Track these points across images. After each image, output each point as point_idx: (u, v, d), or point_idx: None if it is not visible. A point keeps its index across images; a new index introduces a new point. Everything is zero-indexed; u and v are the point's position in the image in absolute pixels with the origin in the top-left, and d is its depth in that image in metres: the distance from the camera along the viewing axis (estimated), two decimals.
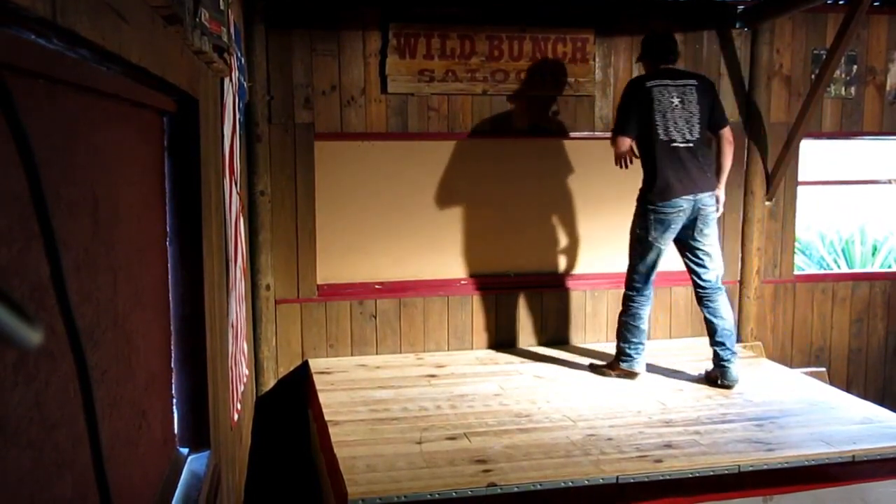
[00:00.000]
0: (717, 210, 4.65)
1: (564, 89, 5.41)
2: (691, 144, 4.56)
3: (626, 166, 4.69)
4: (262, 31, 4.91)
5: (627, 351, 4.82)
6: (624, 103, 4.68)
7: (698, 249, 4.66)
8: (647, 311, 4.85)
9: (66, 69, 1.11)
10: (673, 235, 4.62)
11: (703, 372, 4.84)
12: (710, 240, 4.67)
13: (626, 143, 4.60)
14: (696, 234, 4.62)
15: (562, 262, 5.57)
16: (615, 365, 4.88)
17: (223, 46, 2.59)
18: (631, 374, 4.82)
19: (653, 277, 4.77)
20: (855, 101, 5.85)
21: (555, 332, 5.59)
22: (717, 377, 4.70)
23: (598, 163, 5.50)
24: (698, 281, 4.72)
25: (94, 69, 1.27)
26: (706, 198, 4.56)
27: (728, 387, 4.62)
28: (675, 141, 4.54)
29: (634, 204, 4.72)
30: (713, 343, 4.72)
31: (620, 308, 4.90)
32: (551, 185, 5.48)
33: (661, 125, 4.54)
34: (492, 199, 5.43)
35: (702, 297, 4.75)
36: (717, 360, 4.70)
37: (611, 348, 5.49)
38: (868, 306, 6.05)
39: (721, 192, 4.68)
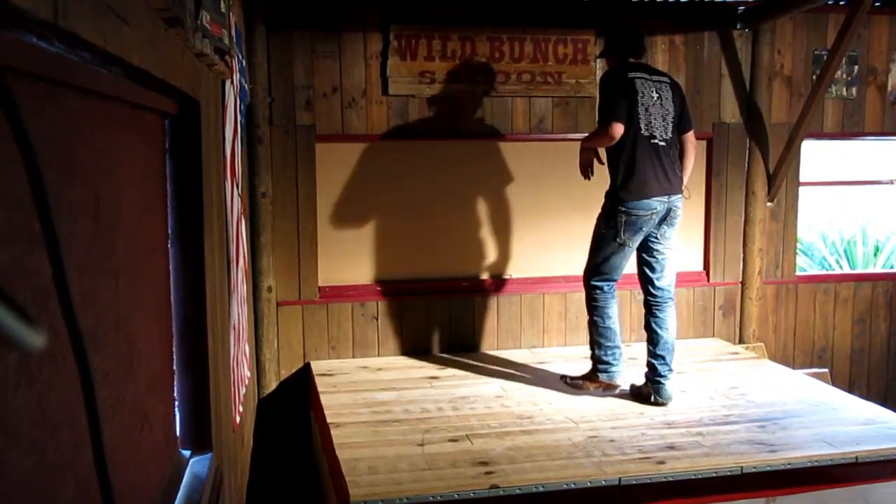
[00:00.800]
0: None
1: (565, 90, 5.41)
2: (666, 143, 4.32)
3: (591, 174, 4.46)
4: (263, 33, 4.92)
5: (604, 358, 4.45)
6: (610, 91, 4.29)
7: (658, 252, 4.38)
8: (615, 310, 4.47)
9: (67, 72, 1.11)
10: (641, 238, 4.34)
11: (631, 386, 4.49)
12: (670, 243, 4.40)
13: (621, 129, 4.19)
14: (659, 237, 4.35)
15: (564, 264, 5.56)
16: (593, 377, 4.52)
17: (224, 48, 2.59)
18: (611, 387, 4.47)
19: (617, 279, 4.45)
20: (856, 101, 5.85)
21: (557, 333, 5.59)
22: (649, 393, 4.36)
23: (597, 163, 5.49)
24: (651, 288, 4.40)
25: (96, 71, 1.27)
26: (677, 200, 4.33)
27: (661, 404, 4.30)
28: (654, 137, 4.28)
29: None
30: (652, 355, 4.37)
31: (587, 313, 4.56)
32: (553, 187, 5.48)
33: (643, 119, 4.26)
34: (493, 201, 5.44)
35: (651, 304, 4.41)
36: (653, 375, 4.36)
37: None
38: (870, 307, 6.04)
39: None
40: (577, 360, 5.15)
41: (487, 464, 3.56)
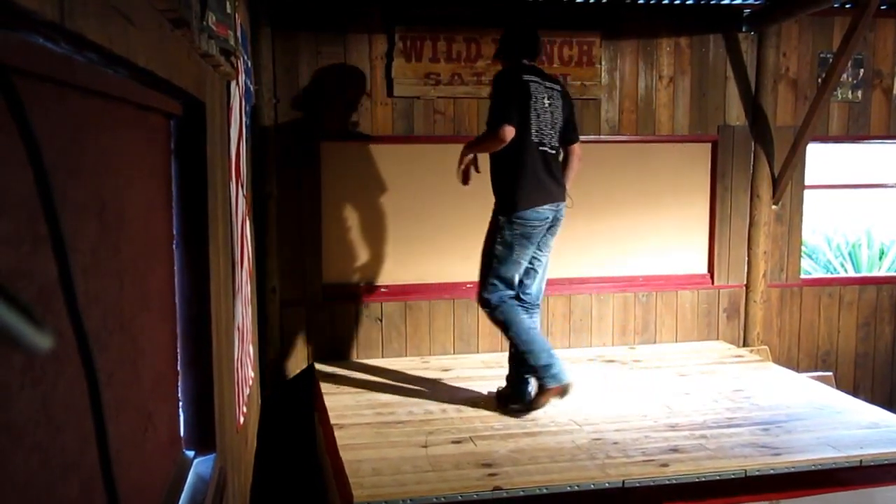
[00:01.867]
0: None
1: (570, 92, 5.39)
2: (554, 151, 4.22)
3: (468, 180, 4.31)
4: (268, 35, 4.92)
5: (542, 363, 4.16)
6: (501, 91, 4.09)
7: (537, 261, 4.27)
8: (523, 317, 4.23)
9: (73, 72, 1.11)
10: (532, 249, 4.21)
11: (495, 390, 4.44)
12: (548, 251, 4.31)
13: (512, 132, 3.96)
14: (541, 245, 4.25)
15: (567, 266, 5.55)
16: (544, 388, 4.21)
17: (230, 49, 2.59)
18: (565, 389, 4.20)
19: (515, 293, 4.25)
20: (862, 104, 5.84)
21: (561, 335, 5.58)
22: (509, 394, 4.31)
23: (602, 165, 5.50)
24: (520, 293, 4.27)
25: (102, 72, 1.27)
26: (563, 208, 4.23)
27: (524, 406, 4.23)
28: (543, 145, 4.14)
29: (638, 208, 4.68)
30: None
31: (501, 331, 4.34)
32: None
33: (534, 125, 4.09)
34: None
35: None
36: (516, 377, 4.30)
37: (616, 352, 5.49)
38: (875, 310, 6.03)
39: None
40: (581, 363, 5.15)
41: (491, 466, 3.56)
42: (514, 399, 4.29)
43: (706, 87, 5.63)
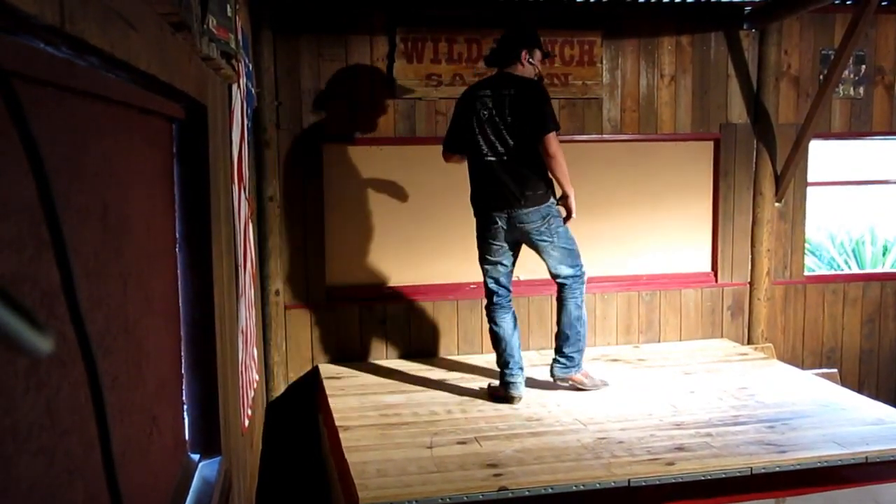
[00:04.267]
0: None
1: (572, 92, 5.40)
2: (506, 158, 4.36)
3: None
4: (269, 37, 4.93)
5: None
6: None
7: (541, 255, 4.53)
8: (505, 320, 4.52)
9: (75, 77, 1.12)
10: (496, 249, 4.45)
11: (486, 386, 4.64)
12: (544, 257, 4.50)
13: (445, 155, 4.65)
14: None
15: None
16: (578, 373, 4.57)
17: (231, 52, 2.59)
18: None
19: (495, 290, 4.51)
20: (864, 101, 5.83)
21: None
22: (503, 394, 4.46)
23: (605, 165, 5.50)
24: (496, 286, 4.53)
25: (103, 77, 1.27)
26: (520, 215, 4.34)
27: (512, 401, 4.40)
28: (487, 154, 4.44)
29: (641, 207, 4.68)
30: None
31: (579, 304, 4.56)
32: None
33: (480, 137, 4.38)
34: None
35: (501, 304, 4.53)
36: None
37: (620, 351, 5.49)
38: (879, 307, 6.02)
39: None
40: (586, 362, 5.14)
41: (496, 466, 3.56)
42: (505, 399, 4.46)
43: (708, 85, 5.62)
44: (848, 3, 5.56)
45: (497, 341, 4.51)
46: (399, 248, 5.34)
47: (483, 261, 4.51)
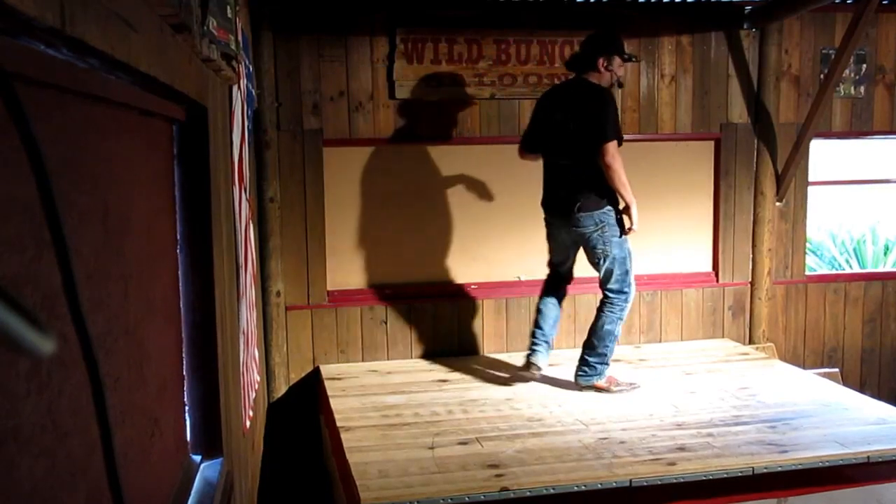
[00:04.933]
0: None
1: None
2: (567, 163, 4.63)
3: None
4: (269, 38, 4.93)
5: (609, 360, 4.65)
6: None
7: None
8: (547, 306, 4.82)
9: (75, 78, 1.12)
10: (556, 246, 4.77)
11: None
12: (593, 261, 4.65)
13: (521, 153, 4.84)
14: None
15: None
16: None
17: (231, 54, 2.59)
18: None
19: (555, 273, 4.85)
20: (864, 100, 5.83)
21: (566, 335, 5.58)
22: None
23: None
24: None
25: (104, 78, 1.27)
26: (574, 219, 4.53)
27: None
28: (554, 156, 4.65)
29: (641, 207, 4.66)
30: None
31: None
32: None
33: (547, 140, 4.65)
34: (500, 204, 5.43)
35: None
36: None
37: (621, 351, 5.49)
38: (881, 306, 6.02)
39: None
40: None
41: (497, 466, 3.56)
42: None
43: (708, 84, 5.62)
44: (848, 2, 5.56)
45: (536, 314, 4.81)
46: (400, 248, 5.34)
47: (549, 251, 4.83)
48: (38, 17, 0.82)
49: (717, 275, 5.80)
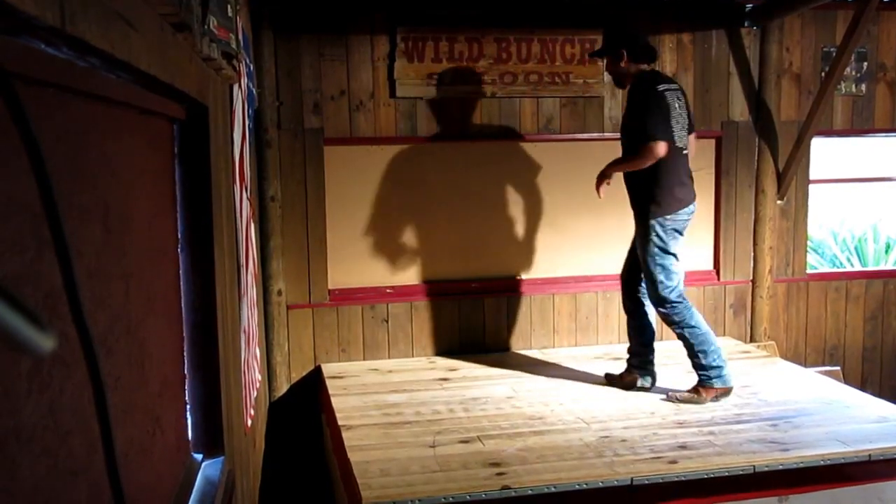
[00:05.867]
0: None
1: (573, 91, 5.40)
2: (686, 151, 4.40)
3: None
4: (270, 37, 4.93)
5: (713, 364, 4.36)
6: (655, 104, 4.24)
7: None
8: (698, 314, 4.52)
9: (76, 78, 1.12)
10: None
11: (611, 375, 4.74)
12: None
13: (665, 148, 4.20)
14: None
15: (573, 265, 5.55)
16: (705, 386, 4.37)
17: (232, 53, 2.59)
18: (726, 391, 4.37)
19: (682, 288, 4.53)
20: (866, 98, 5.82)
21: (567, 333, 5.58)
22: (635, 381, 4.63)
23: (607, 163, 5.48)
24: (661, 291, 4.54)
25: (104, 77, 1.27)
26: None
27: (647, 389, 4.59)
28: (684, 148, 4.35)
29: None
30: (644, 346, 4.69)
31: (674, 331, 4.54)
32: (561, 187, 5.47)
33: (676, 133, 4.28)
34: (502, 202, 5.43)
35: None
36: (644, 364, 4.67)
37: (622, 349, 5.48)
38: (882, 304, 6.01)
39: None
40: (587, 361, 5.15)
41: (499, 465, 3.56)
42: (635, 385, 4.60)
43: (709, 83, 5.62)
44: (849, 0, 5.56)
45: (710, 338, 4.46)
46: (401, 246, 5.34)
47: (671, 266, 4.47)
48: (38, 16, 0.82)
49: (718, 273, 5.79)
